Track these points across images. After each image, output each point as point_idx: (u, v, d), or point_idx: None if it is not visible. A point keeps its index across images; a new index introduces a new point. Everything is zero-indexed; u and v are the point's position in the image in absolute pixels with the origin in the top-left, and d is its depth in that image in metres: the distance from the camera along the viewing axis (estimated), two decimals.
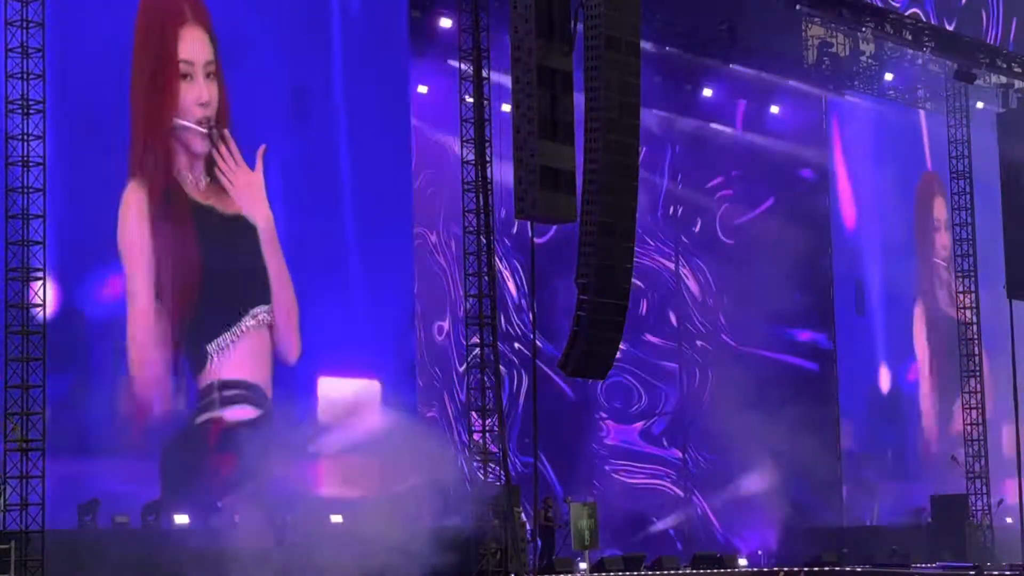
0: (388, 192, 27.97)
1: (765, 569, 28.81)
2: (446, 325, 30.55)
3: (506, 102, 21.83)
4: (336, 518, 25.21)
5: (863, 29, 31.84)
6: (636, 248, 19.50)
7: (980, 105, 35.86)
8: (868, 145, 36.40)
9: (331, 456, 26.51)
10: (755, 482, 33.37)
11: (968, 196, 34.36)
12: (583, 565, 26.38)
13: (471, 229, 26.73)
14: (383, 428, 26.52)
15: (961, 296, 34.54)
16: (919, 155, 38.14)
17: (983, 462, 34.07)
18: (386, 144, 27.92)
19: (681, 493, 34.86)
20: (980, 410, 34.35)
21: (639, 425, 34.88)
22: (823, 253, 35.16)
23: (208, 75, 25.76)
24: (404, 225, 28.26)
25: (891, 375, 37.20)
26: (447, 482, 26.05)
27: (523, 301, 31.88)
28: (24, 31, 21.59)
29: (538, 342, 27.60)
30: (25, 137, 21.52)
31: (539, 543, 27.15)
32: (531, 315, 30.12)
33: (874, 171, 36.52)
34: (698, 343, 35.38)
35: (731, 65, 33.56)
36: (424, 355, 29.50)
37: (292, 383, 26.50)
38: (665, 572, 27.24)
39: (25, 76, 21.57)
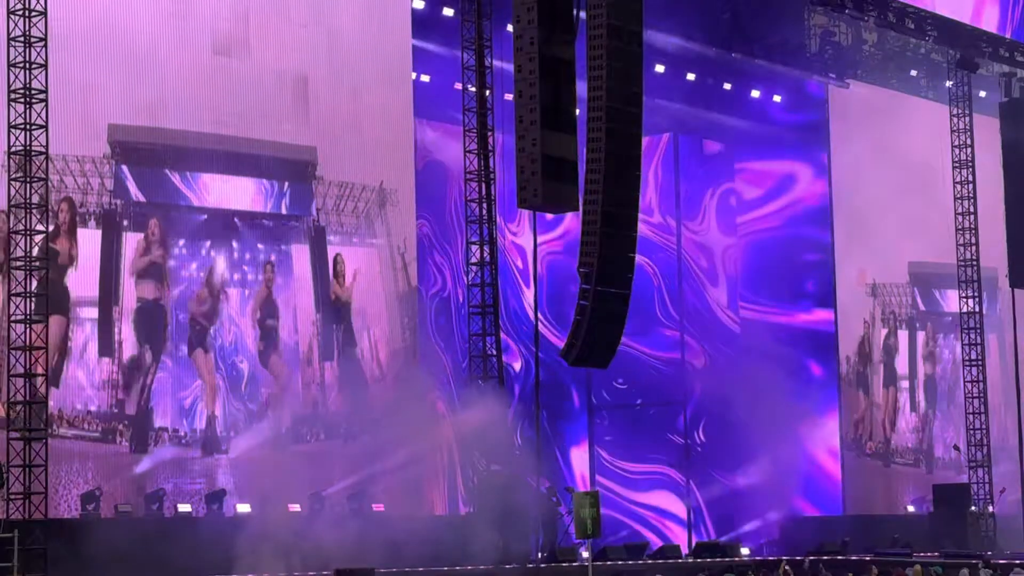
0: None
1: (770, 559, 28.78)
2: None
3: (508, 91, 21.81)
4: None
5: (866, 19, 31.76)
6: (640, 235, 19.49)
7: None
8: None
9: None
10: (758, 470, 33.35)
11: (971, 185, 34.23)
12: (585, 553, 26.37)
13: (473, 218, 26.69)
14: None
15: (963, 286, 34.44)
16: None
17: (985, 451, 34.04)
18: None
19: (683, 481, 34.86)
20: (982, 399, 34.30)
21: (642, 412, 34.94)
22: (824, 240, 35.06)
23: None
24: None
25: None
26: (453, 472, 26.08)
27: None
28: (26, 20, 21.50)
29: None
30: (28, 126, 21.46)
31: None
32: (534, 311, 30.10)
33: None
34: (702, 331, 35.41)
35: (734, 54, 33.45)
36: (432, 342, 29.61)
37: None
38: (668, 561, 27.22)
39: (27, 66, 21.51)
